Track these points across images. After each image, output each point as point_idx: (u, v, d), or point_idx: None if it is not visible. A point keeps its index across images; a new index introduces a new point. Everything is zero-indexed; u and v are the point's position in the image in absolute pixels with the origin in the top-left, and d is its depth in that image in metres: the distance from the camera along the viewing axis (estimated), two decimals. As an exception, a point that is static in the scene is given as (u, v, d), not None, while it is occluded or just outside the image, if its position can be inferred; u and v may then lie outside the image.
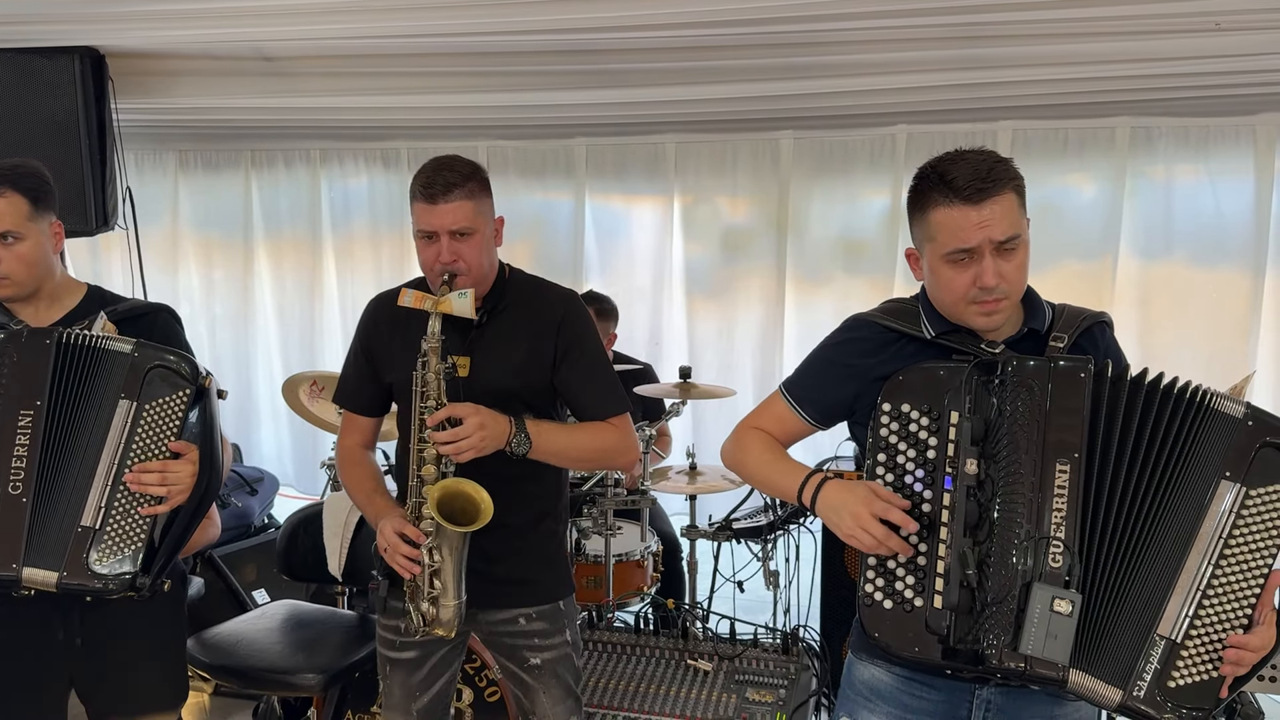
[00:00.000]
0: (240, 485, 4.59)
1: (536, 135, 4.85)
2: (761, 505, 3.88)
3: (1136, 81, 3.63)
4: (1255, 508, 1.59)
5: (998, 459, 1.67)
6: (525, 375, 2.24)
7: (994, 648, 1.62)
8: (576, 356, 2.26)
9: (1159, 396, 1.65)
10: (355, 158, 5.21)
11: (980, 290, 1.72)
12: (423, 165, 2.18)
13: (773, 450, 1.98)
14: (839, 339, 1.94)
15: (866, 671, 1.90)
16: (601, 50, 3.53)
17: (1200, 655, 1.59)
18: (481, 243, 2.18)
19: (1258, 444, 1.61)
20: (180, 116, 4.66)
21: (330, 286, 5.35)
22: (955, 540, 1.65)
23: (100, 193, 3.93)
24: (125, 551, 2.00)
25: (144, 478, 2.00)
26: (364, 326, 2.36)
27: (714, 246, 4.81)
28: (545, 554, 2.34)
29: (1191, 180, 4.11)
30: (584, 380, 2.28)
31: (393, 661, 2.33)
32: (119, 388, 2.03)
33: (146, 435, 2.02)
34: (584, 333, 2.30)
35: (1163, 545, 1.62)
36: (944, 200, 1.71)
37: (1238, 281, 4.04)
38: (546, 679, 2.32)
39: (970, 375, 1.70)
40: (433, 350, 2.11)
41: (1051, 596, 1.58)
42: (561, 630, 2.34)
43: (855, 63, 3.57)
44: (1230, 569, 1.59)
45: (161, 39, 3.70)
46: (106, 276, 5.45)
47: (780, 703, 2.91)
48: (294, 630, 2.98)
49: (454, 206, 2.12)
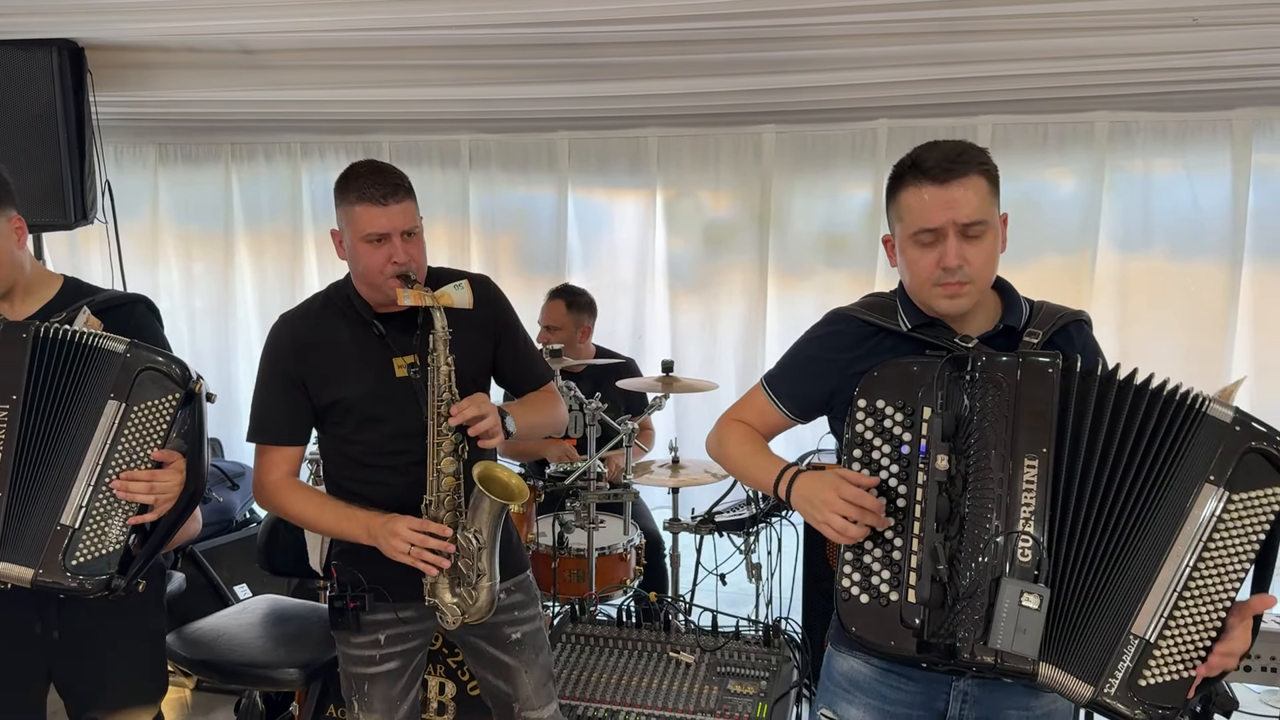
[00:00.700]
0: (221, 480, 4.57)
1: (519, 129, 4.84)
2: (744, 498, 3.89)
3: (1115, 76, 3.65)
4: (1237, 513, 1.60)
5: (968, 454, 1.69)
6: (478, 361, 2.32)
7: (966, 642, 1.64)
8: (512, 334, 2.39)
9: (1133, 394, 1.65)
10: (336, 151, 5.19)
11: (943, 272, 1.73)
12: (351, 171, 2.20)
13: (753, 443, 2.00)
14: (818, 334, 1.96)
15: (845, 663, 1.92)
16: (584, 44, 3.53)
17: (1172, 655, 1.60)
18: (422, 242, 2.23)
19: (1243, 449, 1.60)
20: (160, 109, 4.63)
21: (312, 280, 5.32)
22: (927, 535, 1.67)
23: (79, 186, 3.90)
24: (103, 553, 1.99)
25: (132, 486, 1.98)
26: (283, 351, 2.25)
27: (696, 240, 4.81)
28: (508, 527, 2.36)
29: (1169, 174, 4.13)
30: (523, 355, 2.42)
31: (371, 678, 2.29)
32: (109, 387, 2.00)
33: (133, 438, 2.00)
34: (511, 311, 2.42)
35: (1141, 545, 1.63)
36: (913, 181, 1.74)
37: (1215, 275, 4.07)
38: (527, 655, 2.35)
39: (943, 371, 1.71)
40: (442, 343, 2.14)
41: (1020, 591, 1.60)
42: (535, 601, 2.41)
43: (836, 57, 3.58)
44: (1208, 572, 1.59)
45: (140, 31, 3.67)
46: (86, 270, 5.41)
47: (762, 694, 2.92)
48: (275, 625, 2.98)
49: (403, 207, 2.16)
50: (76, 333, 2.03)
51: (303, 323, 2.28)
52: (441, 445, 2.13)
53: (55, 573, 1.97)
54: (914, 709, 1.86)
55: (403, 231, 2.15)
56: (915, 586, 1.67)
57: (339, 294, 2.30)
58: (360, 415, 2.23)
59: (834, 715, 1.93)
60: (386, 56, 3.80)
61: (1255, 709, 3.58)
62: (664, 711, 2.87)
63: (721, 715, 2.84)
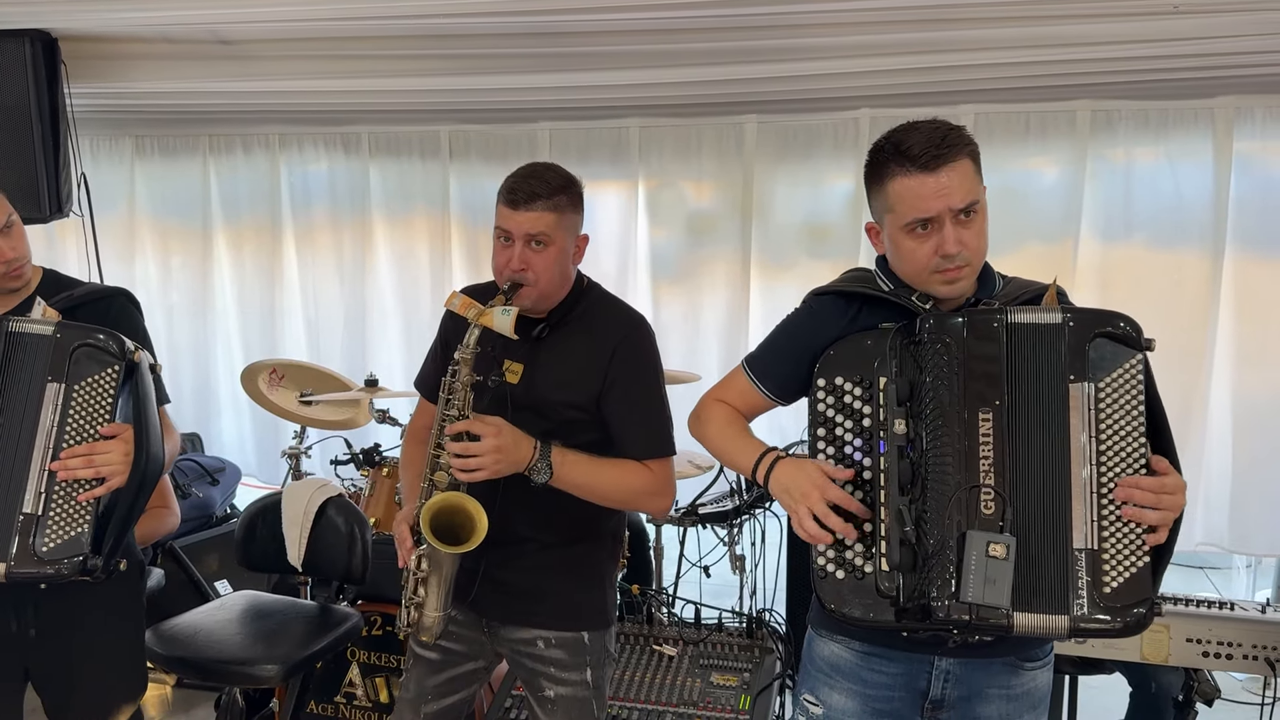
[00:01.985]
0: (201, 475, 4.54)
1: (499, 119, 4.80)
2: (727, 490, 3.88)
3: (1097, 65, 3.64)
4: (1110, 396, 1.65)
5: (924, 417, 1.71)
6: (569, 393, 2.15)
7: (939, 599, 1.64)
8: (625, 387, 2.16)
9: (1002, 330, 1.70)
10: (315, 142, 5.13)
11: (942, 259, 1.74)
12: (519, 167, 2.13)
13: (734, 424, 2.00)
14: (799, 315, 1.97)
15: (826, 648, 1.92)
16: (565, 33, 3.50)
17: (1123, 553, 1.64)
18: (556, 255, 2.11)
19: (1087, 339, 1.67)
20: (136, 101, 4.57)
21: (291, 273, 5.27)
22: (892, 500, 1.68)
23: (54, 179, 3.86)
24: (72, 534, 1.96)
25: (70, 463, 1.96)
26: (446, 318, 2.32)
27: (679, 231, 4.79)
28: (573, 573, 2.23)
29: (1151, 163, 4.12)
30: (628, 414, 2.17)
31: (416, 656, 2.29)
32: (44, 370, 1.98)
33: (79, 415, 1.98)
34: (640, 364, 2.19)
35: (1049, 466, 1.66)
36: (901, 169, 1.72)
37: (1197, 263, 4.07)
38: (558, 718, 2.22)
39: (894, 339, 1.74)
40: (465, 361, 2.05)
41: (986, 542, 1.62)
42: (581, 667, 2.21)
43: (818, 46, 3.56)
44: (1113, 462, 1.65)
45: (115, 21, 3.63)
46: (62, 265, 5.26)
47: (745, 686, 2.91)
48: (253, 621, 2.95)
49: (534, 215, 2.07)
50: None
51: (471, 295, 2.22)
52: (439, 458, 2.07)
53: (28, 563, 1.94)
54: (896, 690, 1.87)
55: (529, 238, 2.08)
56: (887, 553, 1.68)
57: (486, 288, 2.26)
58: None
59: (816, 701, 1.93)
60: (365, 46, 3.76)
61: (1238, 696, 3.59)
62: (646, 705, 2.86)
63: (704, 707, 2.83)
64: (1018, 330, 1.69)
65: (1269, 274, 4.02)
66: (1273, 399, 4.03)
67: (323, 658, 2.88)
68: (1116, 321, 1.68)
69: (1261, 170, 4.01)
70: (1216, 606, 2.65)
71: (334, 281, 5.18)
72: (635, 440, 2.17)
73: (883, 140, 1.77)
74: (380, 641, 3.20)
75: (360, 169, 5.06)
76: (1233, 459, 4.11)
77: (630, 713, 2.83)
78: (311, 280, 5.25)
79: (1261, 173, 4.01)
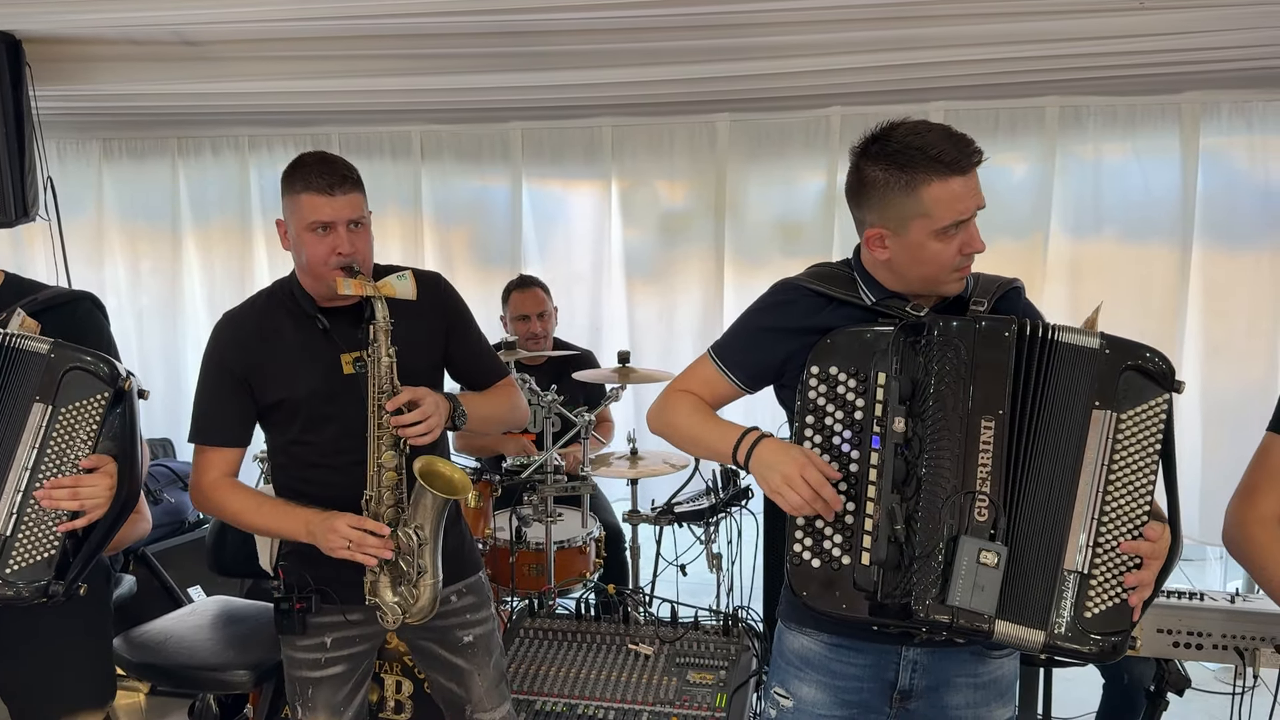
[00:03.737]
0: (173, 480, 4.49)
1: (471, 119, 4.78)
2: (703, 488, 3.88)
3: (1065, 61, 3.67)
4: (1129, 429, 1.66)
5: (925, 417, 1.70)
6: (426, 356, 2.27)
7: (922, 601, 1.64)
8: (464, 330, 2.35)
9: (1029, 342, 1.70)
10: (285, 143, 5.09)
11: (964, 257, 1.77)
12: (298, 161, 2.17)
13: (702, 412, 1.98)
14: (769, 303, 1.95)
15: (796, 641, 1.92)
16: (535, 32, 3.49)
17: (1108, 582, 1.65)
18: (368, 235, 2.19)
19: (1119, 369, 1.67)
20: (102, 103, 4.53)
21: (262, 275, 5.22)
22: (884, 497, 1.67)
23: (19, 183, 3.82)
24: (38, 558, 1.91)
25: (55, 493, 1.90)
26: (226, 349, 2.22)
27: (652, 230, 4.79)
28: (459, 528, 2.35)
29: (1120, 159, 4.17)
30: (475, 348, 2.39)
31: (315, 681, 2.25)
32: (34, 390, 1.93)
33: (62, 440, 1.93)
34: (463, 306, 2.38)
35: (1054, 484, 1.67)
36: (938, 175, 1.71)
37: (1166, 258, 4.11)
38: (480, 657, 2.32)
39: (898, 337, 1.73)
40: (384, 334, 2.10)
41: (979, 549, 1.62)
42: (487, 603, 2.38)
43: (789, 44, 3.57)
44: (1119, 493, 1.65)
45: (80, 23, 3.58)
46: (30, 269, 5.26)
47: (721, 684, 2.91)
48: (225, 626, 2.92)
49: (350, 198, 2.12)
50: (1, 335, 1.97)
51: (246, 320, 2.24)
52: (382, 439, 2.10)
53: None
54: (864, 682, 1.88)
55: (348, 222, 2.11)
56: (871, 549, 1.68)
57: (283, 289, 2.25)
58: (307, 415, 2.19)
59: (786, 693, 1.93)
60: (334, 46, 3.74)
61: (1209, 686, 3.63)
62: (622, 704, 2.85)
63: (681, 706, 2.82)
64: (1057, 348, 1.69)
65: (1236, 267, 4.08)
66: (1241, 390, 4.07)
67: (296, 662, 2.85)
68: (1152, 357, 1.68)
69: (1228, 165, 4.06)
70: (1187, 597, 2.67)
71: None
72: (490, 367, 2.43)
73: (898, 145, 1.73)
74: (355, 645, 3.18)
75: (331, 170, 5.02)
76: (1202, 450, 4.15)
77: (606, 712, 2.82)
78: (283, 282, 5.20)
79: (1228, 167, 4.06)
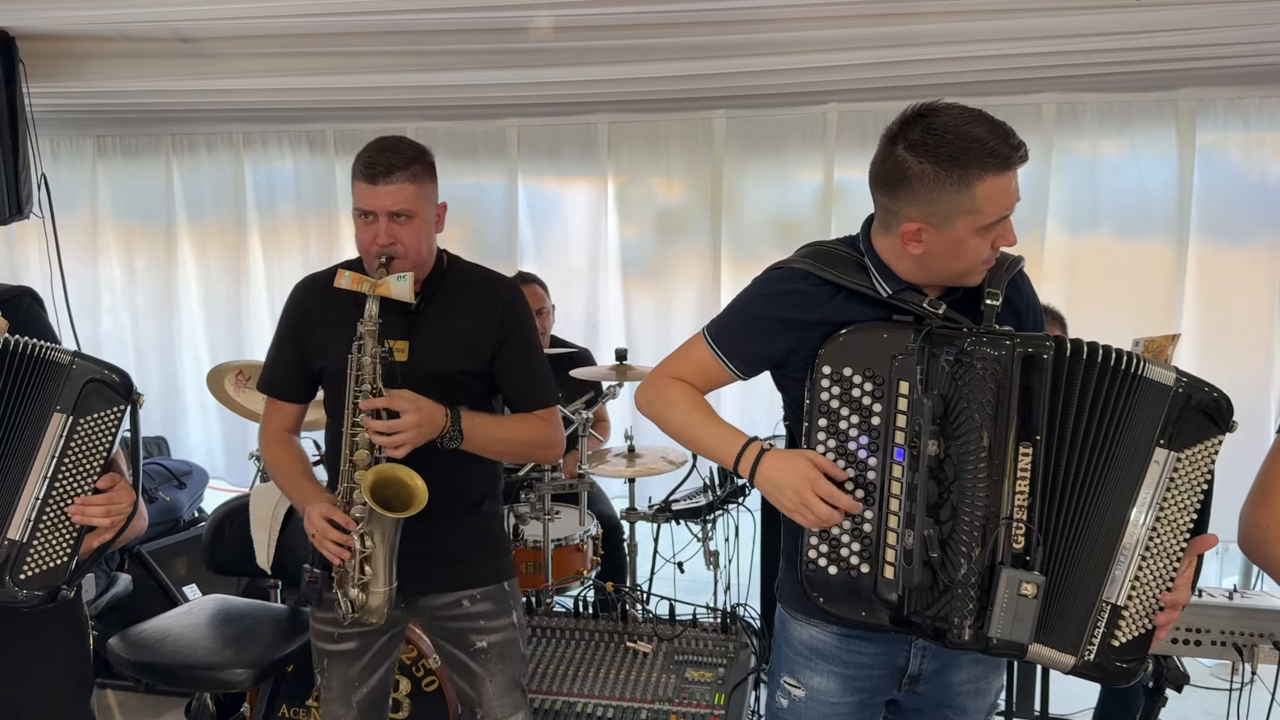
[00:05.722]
0: (168, 479, 4.48)
1: (466, 116, 4.77)
2: (700, 486, 3.88)
3: (1061, 58, 3.67)
4: (1184, 470, 1.62)
5: (956, 438, 1.64)
6: (465, 361, 2.20)
7: (959, 629, 1.63)
8: (516, 345, 2.24)
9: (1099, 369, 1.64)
10: (279, 140, 5.08)
11: (994, 250, 1.71)
12: (368, 143, 2.12)
13: (700, 408, 1.88)
14: (775, 291, 1.82)
15: (804, 631, 1.90)
16: (531, 28, 3.48)
17: (1139, 613, 1.65)
18: (421, 227, 2.13)
19: (1187, 409, 1.61)
20: (97, 100, 4.51)
21: (257, 273, 5.22)
22: (918, 521, 1.63)
23: (13, 180, 3.81)
24: (52, 565, 1.92)
25: (89, 510, 1.91)
26: (291, 310, 2.28)
27: (649, 228, 4.78)
28: (486, 535, 2.32)
29: (1116, 155, 4.17)
30: (520, 369, 2.26)
31: (330, 654, 2.28)
32: (54, 399, 1.92)
33: (80, 450, 1.93)
34: (524, 322, 2.27)
35: (1104, 514, 1.64)
36: (991, 170, 1.60)
37: (1162, 254, 4.11)
38: (493, 664, 2.28)
39: (922, 345, 1.66)
40: (369, 333, 2.06)
41: (1019, 580, 1.60)
42: (508, 612, 2.31)
43: (786, 40, 3.57)
44: (1164, 531, 1.63)
45: (74, 19, 3.57)
46: (23, 268, 5.27)
47: (719, 681, 2.91)
48: (222, 625, 2.91)
49: (394, 189, 2.06)
50: (27, 343, 1.96)
51: (315, 284, 2.26)
52: (356, 436, 2.07)
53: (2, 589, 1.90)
54: (875, 669, 1.87)
55: (391, 213, 2.07)
56: (903, 573, 1.65)
57: (359, 263, 2.24)
58: (335, 390, 2.19)
59: (797, 683, 1.91)
60: (329, 43, 3.73)
61: (1207, 682, 3.64)
62: (621, 701, 2.85)
63: (679, 703, 2.82)
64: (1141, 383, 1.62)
65: (1232, 263, 4.08)
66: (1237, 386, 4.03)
67: (294, 661, 2.85)
68: (1219, 399, 1.62)
69: (1224, 161, 4.07)
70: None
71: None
72: (529, 394, 2.27)
73: (951, 137, 1.60)
74: (352, 644, 3.17)
75: (326, 167, 5.03)
76: (1198, 446, 4.14)
77: (605, 710, 2.82)
78: (278, 280, 5.20)
79: (1224, 164, 4.06)
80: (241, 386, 3.78)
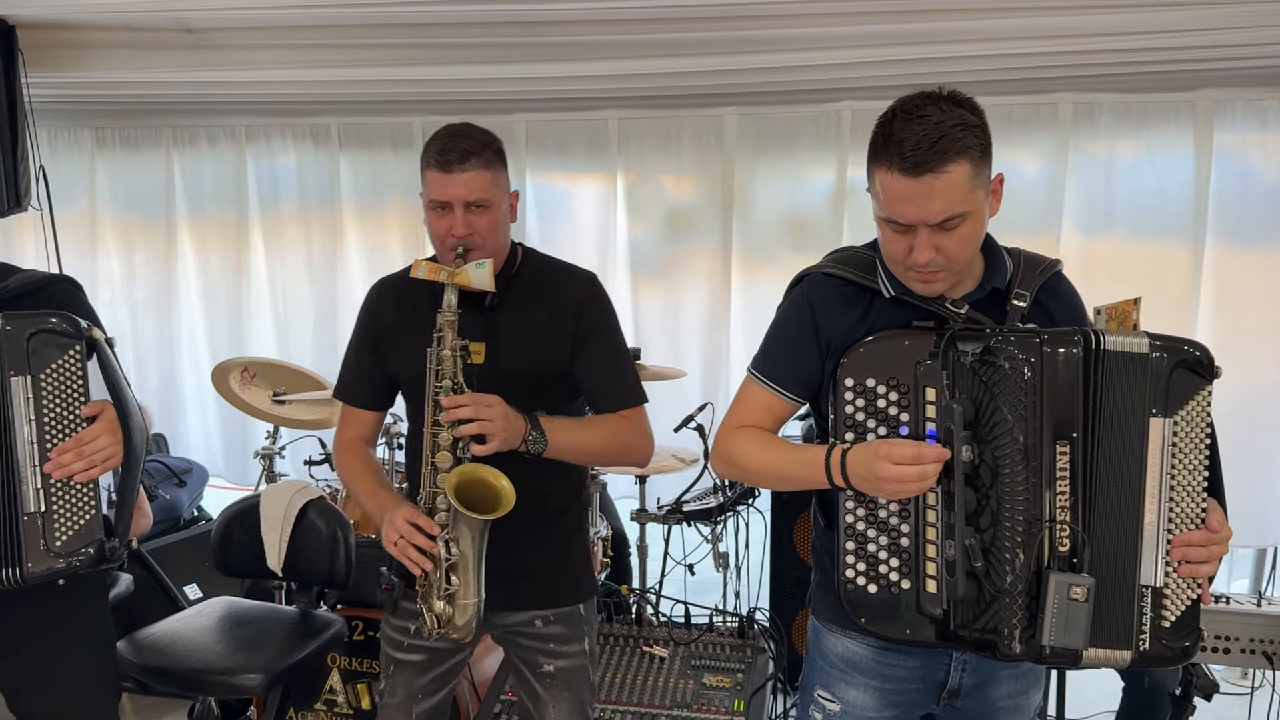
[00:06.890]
0: (168, 477, 4.42)
1: (473, 111, 4.69)
2: (710, 486, 3.84)
3: (1078, 57, 3.65)
4: (1183, 430, 1.61)
5: (991, 443, 1.61)
6: (544, 360, 2.11)
7: (1009, 637, 1.59)
8: (597, 342, 2.13)
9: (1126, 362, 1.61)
10: (283, 134, 5.01)
11: (916, 261, 1.64)
12: (437, 131, 2.05)
13: (773, 443, 1.83)
14: (804, 302, 1.80)
15: (840, 644, 1.86)
16: (540, 22, 3.43)
17: (1180, 588, 1.62)
18: (497, 216, 2.05)
19: (1169, 370, 1.59)
20: (96, 91, 4.45)
21: (258, 269, 5.14)
22: (959, 531, 1.59)
23: (11, 172, 3.76)
24: (83, 521, 1.91)
25: (63, 459, 1.89)
26: (367, 314, 2.22)
27: (658, 225, 4.73)
28: (564, 551, 2.21)
29: (1132, 156, 4.13)
30: (603, 368, 2.14)
31: (397, 662, 2.22)
32: (4, 366, 1.90)
33: (55, 402, 1.92)
34: (606, 318, 2.17)
35: (1124, 503, 1.62)
36: (885, 163, 1.60)
37: (1178, 256, 4.08)
38: (558, 691, 2.19)
39: (946, 349, 1.62)
40: (449, 324, 1.97)
41: (1068, 585, 1.56)
42: (580, 638, 2.21)
43: (799, 37, 3.53)
44: (1180, 498, 1.61)
45: (75, 8, 3.52)
46: (19, 261, 5.11)
47: (738, 687, 2.87)
48: (233, 629, 2.85)
49: (470, 176, 1.99)
50: None
51: (390, 288, 2.19)
52: (438, 437, 1.97)
53: (45, 560, 1.89)
54: (914, 683, 1.83)
55: (467, 202, 2.00)
56: (945, 585, 1.61)
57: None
58: (414, 394, 2.11)
59: (832, 697, 1.87)
60: (335, 35, 3.67)
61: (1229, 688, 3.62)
62: (640, 707, 2.81)
63: (699, 710, 2.78)
64: (1106, 358, 1.59)
65: (1248, 266, 4.05)
66: (1251, 390, 4.05)
67: (305, 666, 2.80)
68: (1193, 350, 1.60)
69: (1241, 163, 4.03)
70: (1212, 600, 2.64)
71: (303, 277, 5.06)
72: (614, 393, 2.16)
73: (888, 115, 1.61)
74: (361, 647, 3.12)
75: (330, 161, 4.95)
76: (1214, 450, 4.12)
77: (624, 716, 2.78)
78: (280, 276, 5.13)
79: (1241, 166, 4.03)
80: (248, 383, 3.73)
